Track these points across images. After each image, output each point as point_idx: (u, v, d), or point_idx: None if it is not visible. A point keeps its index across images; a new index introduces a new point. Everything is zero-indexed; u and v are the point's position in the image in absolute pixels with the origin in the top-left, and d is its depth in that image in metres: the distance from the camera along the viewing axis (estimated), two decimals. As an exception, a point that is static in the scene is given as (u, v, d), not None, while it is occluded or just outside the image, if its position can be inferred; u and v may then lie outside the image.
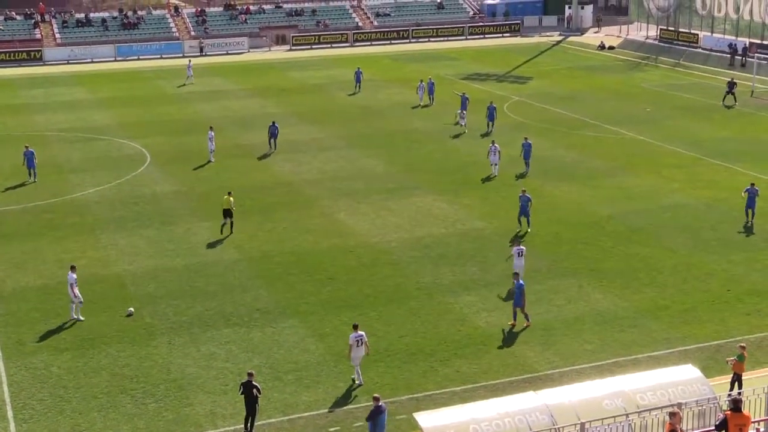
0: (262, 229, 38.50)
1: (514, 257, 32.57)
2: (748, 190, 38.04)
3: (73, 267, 30.75)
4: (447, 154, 49.71)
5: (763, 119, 56.99)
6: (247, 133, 55.12)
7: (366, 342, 25.85)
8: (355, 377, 26.08)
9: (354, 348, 25.63)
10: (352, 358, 25.84)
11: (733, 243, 36.11)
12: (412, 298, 31.64)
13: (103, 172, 47.16)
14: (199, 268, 34.53)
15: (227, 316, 30.41)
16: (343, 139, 53.33)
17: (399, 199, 42.19)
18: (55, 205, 42.16)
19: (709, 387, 20.07)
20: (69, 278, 30.10)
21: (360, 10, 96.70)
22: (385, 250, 36.08)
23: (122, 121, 59.05)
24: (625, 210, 40.17)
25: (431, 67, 76.46)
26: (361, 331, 25.83)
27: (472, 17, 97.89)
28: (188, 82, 71.17)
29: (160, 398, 25.53)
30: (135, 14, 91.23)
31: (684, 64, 77.11)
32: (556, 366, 26.84)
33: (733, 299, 31.08)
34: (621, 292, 31.71)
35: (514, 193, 38.74)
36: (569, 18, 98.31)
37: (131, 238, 37.77)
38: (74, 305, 30.23)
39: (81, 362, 27.55)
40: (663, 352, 27.48)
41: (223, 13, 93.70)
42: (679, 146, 50.11)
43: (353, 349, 25.65)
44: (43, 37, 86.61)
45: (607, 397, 19.37)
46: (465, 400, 23.99)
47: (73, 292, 30.00)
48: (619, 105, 61.59)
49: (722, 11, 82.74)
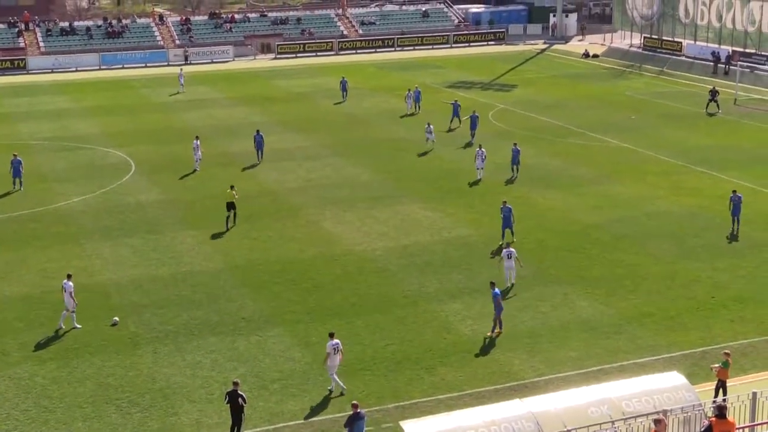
0: (247, 238, 38.44)
1: (504, 260, 32.87)
2: (732, 197, 38.14)
3: (70, 275, 30.59)
4: (432, 163, 49.77)
5: (746, 127, 57.34)
6: (232, 141, 55.04)
7: (341, 350, 25.91)
8: (332, 388, 26.02)
9: (331, 356, 25.66)
10: (328, 367, 25.86)
11: (718, 250, 36.27)
12: (398, 306, 31.64)
13: (87, 181, 47.00)
14: (184, 277, 34.44)
15: (213, 325, 30.33)
16: (328, 148, 53.33)
17: (384, 207, 42.21)
18: (39, 215, 41.99)
19: (694, 394, 20.12)
20: (66, 286, 29.95)
21: (345, 19, 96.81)
22: (371, 258, 36.07)
23: (107, 130, 58.88)
24: (610, 217, 40.30)
25: (416, 75, 76.60)
26: (336, 339, 25.86)
27: (457, 26, 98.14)
28: (181, 91, 71.02)
29: (146, 408, 25.43)
30: (119, 23, 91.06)
31: (668, 72, 77.51)
32: (541, 373, 26.87)
33: (718, 306, 31.21)
34: (606, 300, 31.80)
35: (498, 201, 38.73)
36: (554, 26, 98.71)
37: (116, 247, 37.64)
38: (66, 313, 30.04)
39: (65, 372, 27.41)
40: (648, 358, 27.57)
41: (208, 21, 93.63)
42: (663, 154, 50.35)
43: (330, 358, 25.68)
44: (27, 45, 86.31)
45: (593, 405, 19.38)
46: (451, 408, 23.97)
47: (72, 300, 29.86)
48: (604, 113, 61.85)
49: (705, 19, 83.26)
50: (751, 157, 49.75)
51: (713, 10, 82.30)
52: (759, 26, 77.98)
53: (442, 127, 56.30)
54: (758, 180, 45.10)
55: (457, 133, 55.15)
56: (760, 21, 77.87)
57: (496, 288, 29.34)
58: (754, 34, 78.25)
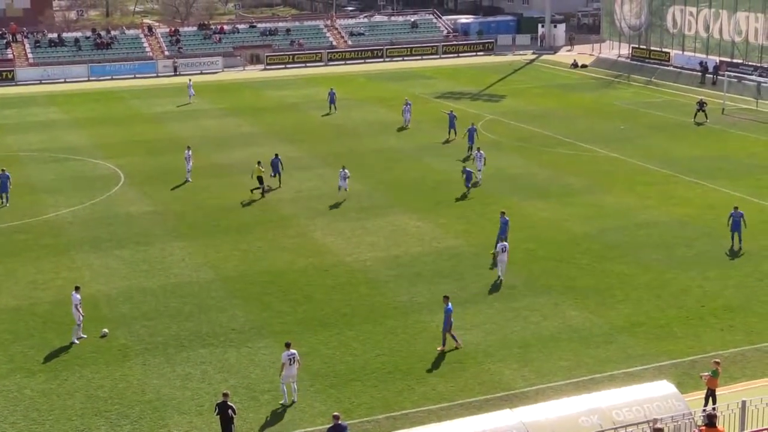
0: (237, 249, 38.40)
1: (499, 254, 33.90)
2: (732, 214, 37.21)
3: (78, 288, 30.46)
4: (422, 173, 49.83)
5: (734, 137, 57.59)
6: (222, 152, 55.01)
7: (298, 360, 25.88)
8: (284, 401, 25.91)
9: (287, 366, 25.63)
10: (283, 377, 25.79)
11: (707, 259, 36.37)
12: (389, 316, 31.63)
13: (77, 193, 46.89)
14: (174, 288, 34.37)
15: (203, 337, 30.26)
16: (318, 158, 53.35)
17: (375, 218, 42.22)
18: (28, 226, 41.86)
19: (684, 403, 20.16)
20: (73, 299, 29.84)
21: (334, 30, 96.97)
22: (361, 269, 36.07)
23: (96, 142, 58.79)
24: (599, 227, 40.40)
25: (406, 86, 76.76)
26: (293, 350, 25.86)
27: (446, 36, 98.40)
28: (192, 101, 70.89)
29: (136, 420, 25.33)
30: (108, 34, 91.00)
31: (656, 82, 77.83)
32: (532, 383, 26.89)
33: (708, 315, 31.30)
34: (596, 309, 31.85)
35: (489, 211, 38.87)
36: (542, 37, 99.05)
37: (105, 258, 37.55)
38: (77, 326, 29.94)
39: (54, 384, 27.30)
40: (638, 368, 27.61)
41: (197, 32, 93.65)
42: (652, 163, 50.51)
43: (285, 368, 25.64)
44: (15, 57, 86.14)
45: (583, 414, 19.41)
46: (441, 418, 23.98)
47: (78, 312, 29.73)
48: (593, 123, 62.04)
49: (692, 30, 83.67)
50: (739, 167, 49.97)
51: (701, 20, 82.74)
52: (746, 36, 78.44)
53: (435, 137, 56.32)
54: (747, 189, 45.29)
55: (451, 144, 55.22)
56: (746, 31, 78.33)
57: (449, 303, 28.90)
58: (741, 45, 78.70)
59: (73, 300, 29.86)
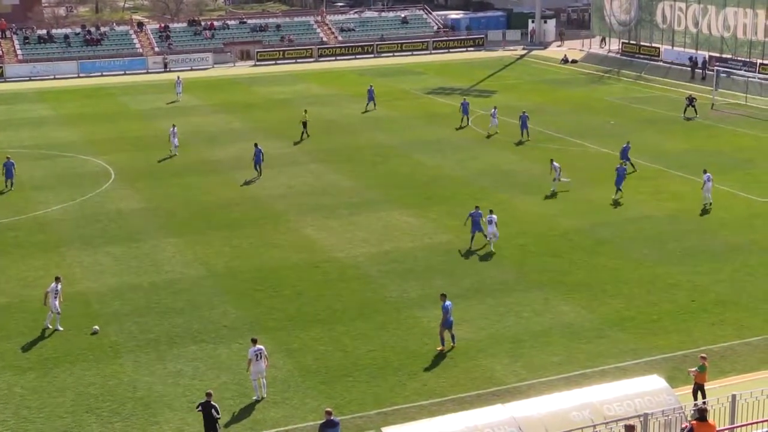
0: (228, 245, 38.34)
1: (487, 226, 34.91)
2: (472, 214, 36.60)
3: (58, 278, 30.56)
4: (413, 169, 49.82)
5: (723, 131, 57.73)
6: (213, 148, 54.91)
7: (266, 355, 25.87)
8: (255, 396, 25.89)
9: (254, 362, 25.61)
10: (252, 373, 25.76)
11: (698, 254, 36.47)
12: (380, 312, 31.63)
13: (67, 189, 46.75)
14: (165, 285, 34.30)
15: (194, 333, 30.22)
16: (309, 154, 53.29)
17: (366, 213, 42.20)
18: (18, 223, 41.72)
19: (674, 397, 20.23)
20: (51, 288, 29.93)
21: (324, 25, 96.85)
22: (353, 264, 36.05)
23: (86, 138, 58.61)
24: (590, 222, 40.46)
25: (396, 81, 76.74)
26: (260, 345, 25.87)
27: (436, 32, 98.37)
28: (179, 98, 70.70)
29: (127, 417, 25.29)
30: (98, 30, 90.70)
31: (646, 77, 77.95)
32: (523, 378, 26.93)
33: (698, 310, 31.39)
34: (587, 304, 31.92)
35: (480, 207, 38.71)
36: (532, 32, 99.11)
37: (96, 255, 37.46)
38: (52, 315, 29.97)
39: (45, 381, 27.23)
40: (629, 362, 27.68)
41: (187, 28, 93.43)
42: (642, 158, 50.57)
43: (253, 364, 25.62)
44: (4, 53, 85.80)
45: (575, 409, 19.46)
46: (433, 413, 23.99)
47: (53, 302, 29.76)
48: (583, 118, 62.10)
49: (682, 25, 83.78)
50: (728, 161, 50.10)
51: (690, 15, 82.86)
52: (734, 32, 78.59)
53: (426, 133, 56.27)
54: (736, 183, 45.42)
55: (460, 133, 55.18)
56: (734, 27, 78.48)
57: (447, 300, 28.78)
58: (729, 40, 78.85)
59: (50, 289, 29.98)
